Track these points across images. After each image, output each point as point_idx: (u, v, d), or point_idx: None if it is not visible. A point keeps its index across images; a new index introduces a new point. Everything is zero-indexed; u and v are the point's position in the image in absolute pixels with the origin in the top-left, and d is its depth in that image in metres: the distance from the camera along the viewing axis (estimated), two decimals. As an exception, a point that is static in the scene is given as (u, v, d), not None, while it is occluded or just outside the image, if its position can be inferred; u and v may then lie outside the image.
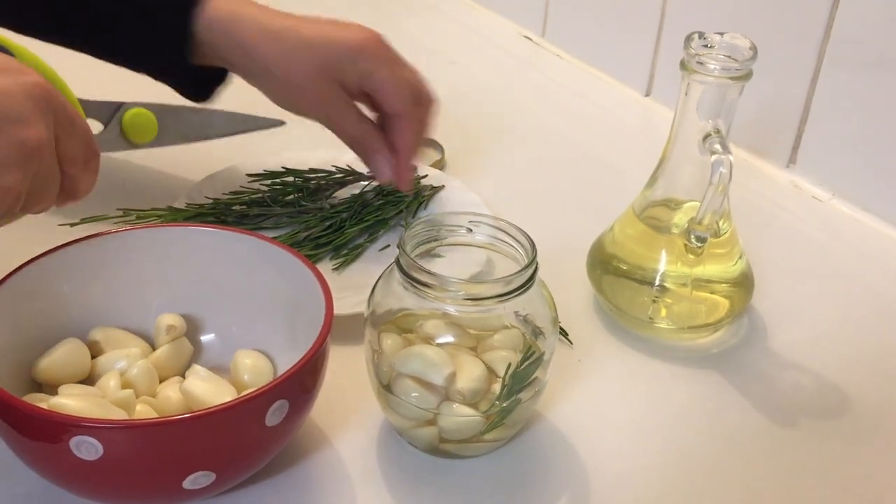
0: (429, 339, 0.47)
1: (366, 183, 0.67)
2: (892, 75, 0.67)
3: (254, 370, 0.49)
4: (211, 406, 0.41)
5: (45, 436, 0.40)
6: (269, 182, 0.67)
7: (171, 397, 0.47)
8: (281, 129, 0.72)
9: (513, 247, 0.48)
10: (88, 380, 0.48)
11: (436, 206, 0.67)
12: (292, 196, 0.66)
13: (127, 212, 0.63)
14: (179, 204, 0.64)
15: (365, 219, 0.65)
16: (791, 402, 0.55)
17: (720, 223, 0.56)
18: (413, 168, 0.61)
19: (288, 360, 0.44)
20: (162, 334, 0.50)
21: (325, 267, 0.62)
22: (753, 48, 0.52)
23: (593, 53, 0.91)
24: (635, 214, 0.59)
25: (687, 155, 0.55)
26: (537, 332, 0.48)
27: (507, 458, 0.50)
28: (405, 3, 1.03)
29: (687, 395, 0.55)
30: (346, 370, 0.52)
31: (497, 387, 0.47)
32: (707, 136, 0.53)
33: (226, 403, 0.41)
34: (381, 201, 0.67)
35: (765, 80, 0.58)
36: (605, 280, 0.59)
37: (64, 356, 0.48)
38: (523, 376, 0.47)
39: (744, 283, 0.59)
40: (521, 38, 0.97)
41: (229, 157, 0.70)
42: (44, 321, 0.48)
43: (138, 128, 0.63)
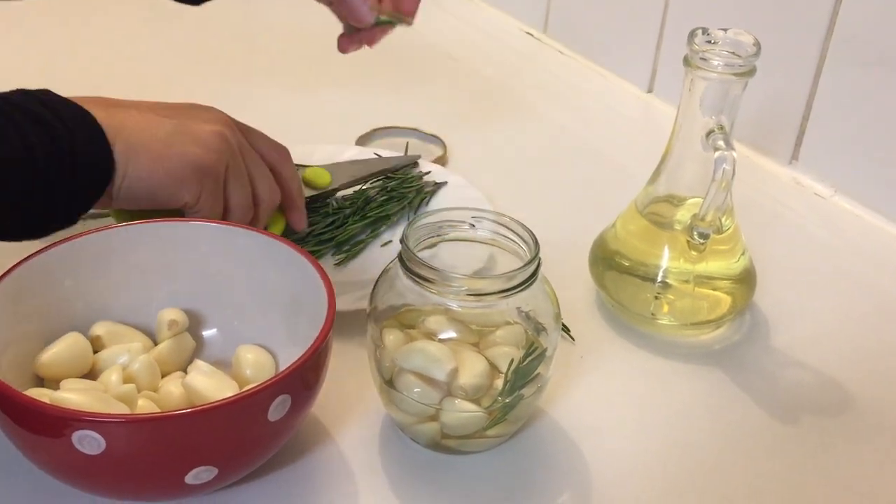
0: (431, 335, 0.47)
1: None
2: (894, 73, 0.67)
3: (256, 365, 0.49)
4: (213, 401, 0.41)
5: (47, 430, 0.40)
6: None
7: (173, 392, 0.47)
8: (282, 123, 0.72)
9: (515, 243, 0.48)
10: (90, 374, 0.48)
11: (438, 201, 0.67)
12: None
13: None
14: None
15: (368, 214, 0.65)
16: (793, 399, 0.55)
17: (723, 220, 0.56)
18: None
19: (290, 356, 0.44)
20: (164, 329, 0.50)
21: (328, 262, 0.62)
22: (757, 44, 0.52)
23: (595, 50, 0.91)
24: (638, 210, 0.59)
25: (690, 151, 0.55)
26: (540, 328, 0.48)
27: (509, 454, 0.50)
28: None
29: (689, 392, 0.55)
30: (349, 366, 0.52)
31: (499, 383, 0.47)
32: (710, 133, 0.53)
33: (228, 398, 0.41)
34: (385, 197, 0.67)
35: (767, 77, 0.58)
36: (608, 276, 0.59)
37: (66, 351, 0.48)
38: (525, 372, 0.47)
39: (746, 280, 0.59)
40: (523, 34, 0.97)
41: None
42: (46, 316, 0.48)
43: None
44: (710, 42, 0.52)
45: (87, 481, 0.43)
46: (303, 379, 0.44)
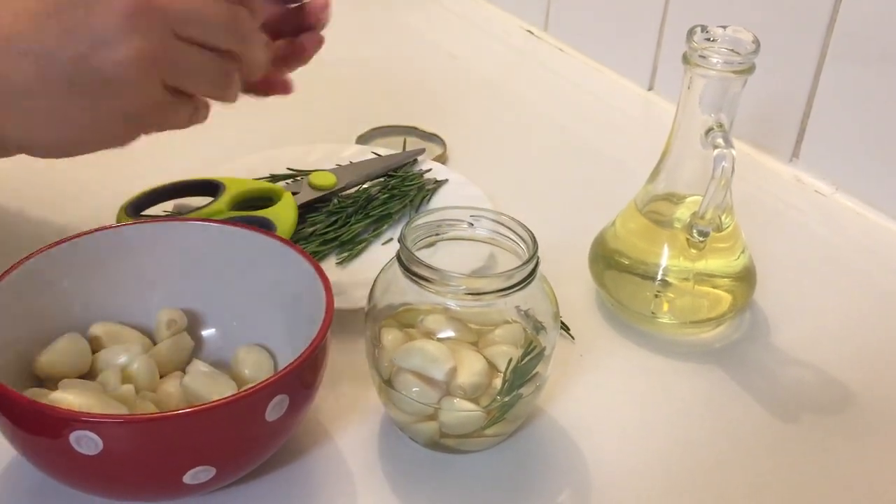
0: (430, 334, 0.47)
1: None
2: (895, 69, 0.67)
3: (254, 365, 0.49)
4: (211, 401, 0.41)
5: (45, 430, 0.40)
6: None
7: (172, 392, 0.47)
8: (281, 122, 0.72)
9: (514, 241, 0.48)
10: (89, 374, 0.48)
11: (439, 199, 0.67)
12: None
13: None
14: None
15: (370, 213, 0.65)
16: (793, 398, 0.55)
17: (722, 217, 0.56)
18: None
19: (289, 355, 0.44)
20: (163, 329, 0.50)
21: (331, 262, 0.62)
22: (756, 42, 0.52)
23: (596, 47, 0.91)
24: (637, 209, 0.58)
25: (689, 149, 0.55)
26: (539, 327, 0.48)
27: (509, 453, 0.49)
28: (407, -4, 1.02)
29: (689, 390, 0.55)
30: (348, 365, 0.52)
31: (498, 382, 0.47)
32: (709, 131, 0.52)
33: (226, 398, 0.41)
34: (386, 195, 0.67)
35: (768, 75, 0.58)
36: (607, 275, 0.59)
37: (64, 351, 0.47)
38: (524, 371, 0.47)
39: (746, 278, 0.59)
40: (523, 31, 0.97)
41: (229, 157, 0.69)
42: (44, 316, 0.48)
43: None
44: (708, 40, 0.52)
45: (85, 482, 0.43)
46: (301, 379, 0.44)
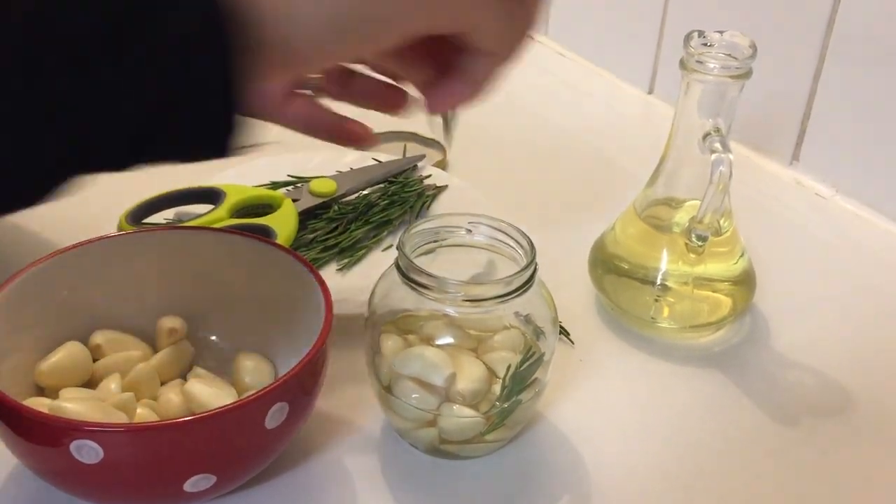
0: (429, 341, 0.47)
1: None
2: (895, 71, 0.67)
3: (254, 372, 0.49)
4: (211, 409, 0.41)
5: (45, 439, 0.40)
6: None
7: (173, 400, 0.47)
8: (274, 128, 0.72)
9: (512, 247, 0.48)
10: (90, 383, 0.49)
11: (440, 205, 0.67)
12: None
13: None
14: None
15: (371, 220, 0.65)
16: (793, 401, 0.55)
17: (721, 222, 0.56)
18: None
19: (289, 363, 0.44)
20: (163, 337, 0.50)
21: (331, 268, 0.62)
22: (753, 46, 0.52)
23: (596, 51, 0.91)
24: (636, 213, 0.59)
25: (687, 154, 0.55)
26: (538, 333, 0.48)
27: (508, 458, 0.50)
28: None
29: (689, 395, 0.55)
30: (348, 371, 0.52)
31: (497, 387, 0.47)
32: (707, 135, 0.53)
33: (225, 406, 0.41)
34: (387, 201, 0.67)
35: (767, 77, 0.58)
36: (607, 279, 0.59)
37: (65, 359, 0.48)
38: (523, 377, 0.47)
39: (746, 282, 0.59)
40: (523, 36, 0.97)
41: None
42: (45, 325, 0.49)
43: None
44: (705, 45, 0.52)
45: (85, 490, 0.43)
46: (301, 386, 0.44)
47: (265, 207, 0.62)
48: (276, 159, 0.70)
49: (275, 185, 0.67)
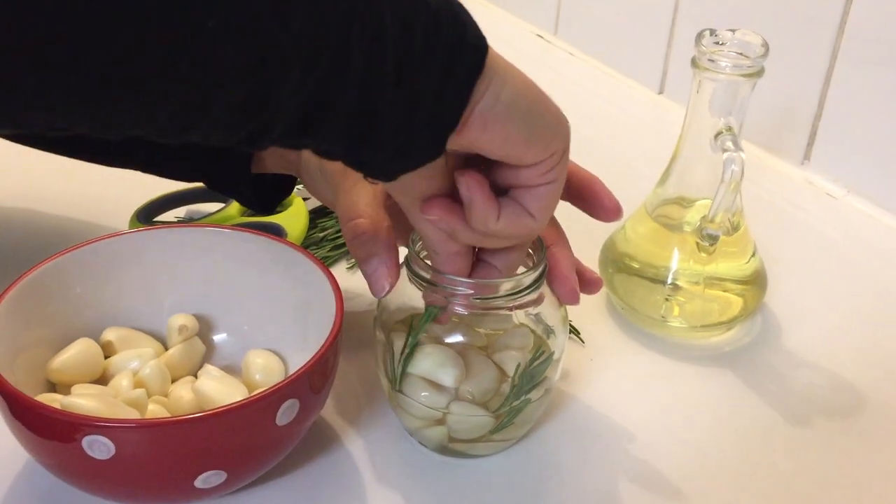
0: (438, 339, 0.47)
1: None
2: (907, 71, 0.67)
3: (265, 370, 0.49)
4: (222, 406, 0.41)
5: (57, 435, 0.41)
6: None
7: (184, 397, 0.47)
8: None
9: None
10: (101, 380, 0.49)
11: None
12: None
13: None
14: None
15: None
16: (805, 402, 0.54)
17: (732, 221, 0.56)
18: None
19: (299, 360, 0.44)
20: (174, 334, 0.50)
21: (341, 267, 0.62)
22: (765, 45, 0.52)
23: (606, 51, 0.91)
24: (647, 212, 0.58)
25: (699, 153, 0.55)
26: (548, 331, 0.48)
27: (518, 457, 0.50)
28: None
29: (699, 394, 0.55)
30: (358, 369, 0.52)
31: (507, 386, 0.47)
32: (719, 134, 0.52)
33: (236, 403, 0.41)
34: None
35: (779, 77, 0.58)
36: (618, 279, 0.59)
37: (77, 356, 0.48)
38: (533, 376, 0.47)
39: (757, 282, 0.58)
40: (533, 36, 0.97)
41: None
42: (57, 322, 0.49)
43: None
44: (717, 43, 0.52)
45: (96, 486, 0.43)
46: (311, 383, 0.44)
47: None
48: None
49: None
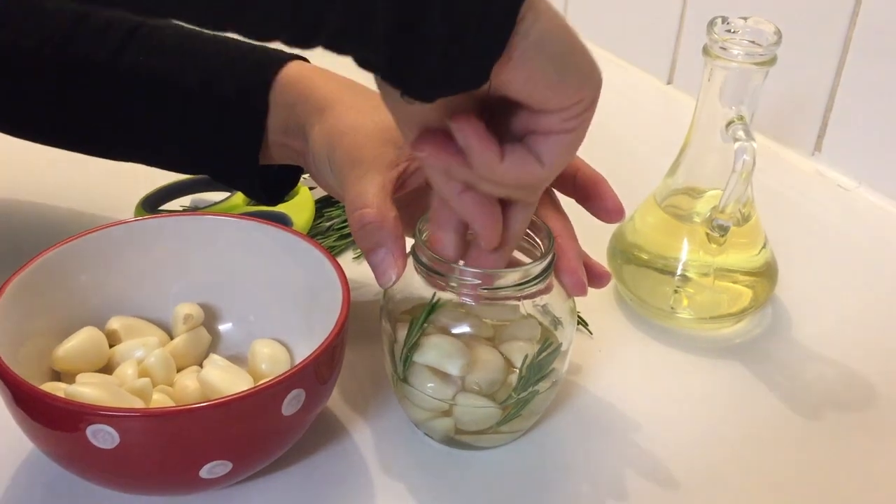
0: (445, 330, 0.47)
1: None
2: (920, 61, 0.66)
3: (271, 359, 0.49)
4: (227, 395, 0.41)
5: (61, 424, 0.40)
6: None
7: (189, 386, 0.47)
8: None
9: (530, 236, 0.48)
10: (106, 368, 0.49)
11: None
12: None
13: None
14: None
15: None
16: (815, 394, 0.54)
17: (743, 211, 0.55)
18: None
19: (305, 350, 0.44)
20: (179, 323, 0.50)
21: (347, 257, 0.62)
22: (778, 33, 0.51)
23: (614, 41, 0.90)
24: (657, 203, 0.58)
25: (709, 142, 0.54)
26: (556, 323, 0.47)
27: (525, 449, 0.49)
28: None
29: (708, 386, 0.54)
30: (364, 360, 0.52)
31: (514, 378, 0.46)
32: (730, 123, 0.52)
33: (242, 392, 0.41)
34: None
35: (790, 67, 0.57)
36: (626, 270, 0.59)
37: (82, 345, 0.48)
38: (540, 367, 0.46)
39: (767, 273, 0.58)
40: (542, 25, 0.96)
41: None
42: (62, 310, 0.49)
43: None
44: (729, 31, 0.51)
45: (101, 475, 0.43)
46: (317, 373, 0.44)
47: None
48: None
49: None
